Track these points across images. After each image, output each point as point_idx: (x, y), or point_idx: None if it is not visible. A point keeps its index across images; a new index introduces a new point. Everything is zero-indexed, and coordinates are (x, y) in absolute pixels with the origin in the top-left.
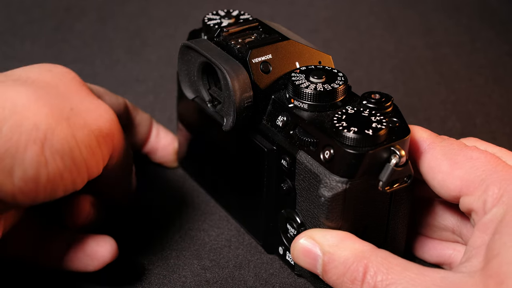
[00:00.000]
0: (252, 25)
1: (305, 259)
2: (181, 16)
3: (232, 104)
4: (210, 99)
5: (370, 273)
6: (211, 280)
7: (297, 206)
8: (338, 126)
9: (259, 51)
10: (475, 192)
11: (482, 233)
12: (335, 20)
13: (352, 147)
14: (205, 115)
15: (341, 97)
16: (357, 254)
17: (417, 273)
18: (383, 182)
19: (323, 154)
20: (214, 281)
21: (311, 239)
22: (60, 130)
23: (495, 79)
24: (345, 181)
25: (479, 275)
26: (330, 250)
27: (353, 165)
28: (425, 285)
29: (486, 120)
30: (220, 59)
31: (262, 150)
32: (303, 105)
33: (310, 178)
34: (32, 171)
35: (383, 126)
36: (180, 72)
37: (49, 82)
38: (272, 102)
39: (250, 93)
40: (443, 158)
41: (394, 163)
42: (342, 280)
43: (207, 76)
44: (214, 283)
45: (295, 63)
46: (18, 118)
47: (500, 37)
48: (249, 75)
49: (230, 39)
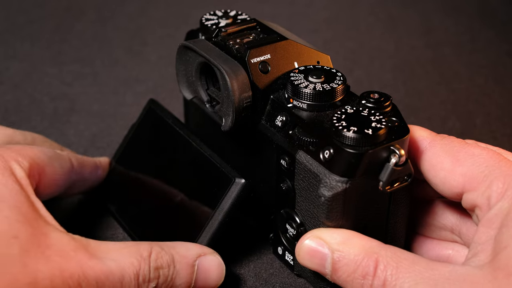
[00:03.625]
0: (250, 25)
1: (312, 260)
2: (181, 16)
3: (231, 104)
4: (209, 100)
5: (381, 267)
6: None
7: (297, 206)
8: (337, 126)
9: (257, 51)
10: (479, 187)
11: (487, 228)
12: (335, 20)
13: (351, 146)
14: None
15: (340, 96)
16: (367, 250)
17: (426, 267)
18: (383, 182)
19: (323, 154)
20: None
21: (318, 239)
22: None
23: (495, 79)
24: (345, 180)
25: (488, 267)
26: (339, 248)
27: (353, 164)
28: (434, 278)
29: (486, 120)
30: (219, 59)
31: (229, 179)
32: (302, 105)
33: (309, 178)
34: None
35: (382, 126)
36: (178, 72)
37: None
38: (271, 102)
39: (249, 93)
40: (444, 156)
41: (394, 162)
42: (353, 276)
43: (206, 76)
44: None
45: (294, 63)
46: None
47: (500, 37)
48: (248, 75)
49: (228, 39)
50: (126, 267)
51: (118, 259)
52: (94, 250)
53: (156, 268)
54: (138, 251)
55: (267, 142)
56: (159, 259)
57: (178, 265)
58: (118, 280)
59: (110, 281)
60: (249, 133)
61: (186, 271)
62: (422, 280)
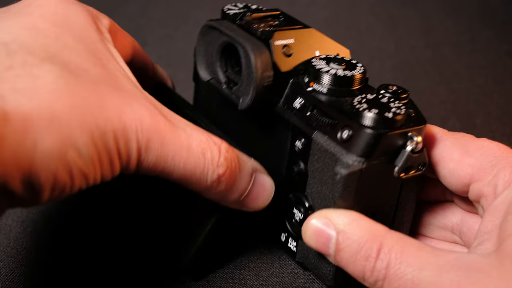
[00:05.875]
0: (274, 13)
1: (317, 239)
2: (181, 16)
3: (252, 82)
4: (226, 81)
5: (384, 250)
6: (211, 280)
7: (307, 188)
8: (358, 108)
9: (282, 34)
10: (486, 177)
11: (492, 217)
12: (335, 20)
13: (371, 127)
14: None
15: (359, 85)
16: (372, 233)
17: (431, 253)
18: (399, 167)
19: (341, 134)
20: (214, 281)
21: (324, 219)
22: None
23: (495, 79)
24: (362, 160)
25: (494, 255)
26: (344, 228)
27: (371, 145)
28: (439, 263)
29: (486, 120)
30: (243, 38)
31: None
32: (322, 89)
33: (325, 158)
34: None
35: (402, 112)
36: (197, 53)
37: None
38: (291, 85)
39: (271, 73)
40: (454, 147)
41: (410, 149)
42: (355, 258)
43: (226, 58)
44: (214, 283)
45: (316, 51)
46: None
47: (500, 37)
48: (270, 55)
49: (252, 23)
50: (195, 140)
51: (189, 131)
52: (167, 114)
53: (226, 157)
54: (209, 134)
55: (283, 124)
56: (229, 151)
57: (242, 167)
58: (186, 148)
59: (176, 145)
60: (264, 116)
61: (245, 178)
62: (427, 266)
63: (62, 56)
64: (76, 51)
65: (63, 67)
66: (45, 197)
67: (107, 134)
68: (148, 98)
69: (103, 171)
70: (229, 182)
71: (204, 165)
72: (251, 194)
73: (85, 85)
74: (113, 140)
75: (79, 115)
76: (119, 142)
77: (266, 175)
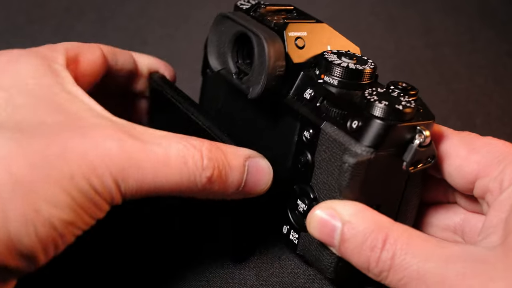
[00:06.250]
0: (288, 8)
1: (322, 229)
2: (181, 16)
3: (264, 71)
4: (237, 71)
5: (390, 241)
6: (211, 280)
7: (313, 179)
8: (369, 99)
9: (295, 26)
10: (492, 173)
11: (498, 211)
12: (336, 19)
13: (381, 118)
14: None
15: (369, 80)
16: (378, 224)
17: (437, 245)
18: (407, 162)
19: (351, 124)
20: (214, 280)
21: (330, 209)
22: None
23: (495, 79)
24: (370, 150)
25: (500, 248)
26: (350, 219)
27: (380, 135)
28: (445, 255)
29: (486, 120)
30: (256, 28)
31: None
32: (333, 81)
33: (333, 147)
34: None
35: (411, 105)
36: (209, 43)
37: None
38: (302, 77)
39: (283, 63)
40: (460, 145)
41: (418, 143)
42: (360, 248)
43: (237, 48)
44: (214, 282)
45: (327, 46)
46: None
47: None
48: (283, 46)
49: (266, 15)
50: (173, 150)
51: (164, 143)
52: (138, 134)
53: (210, 158)
54: (188, 140)
55: (291, 115)
56: (212, 151)
57: (231, 161)
58: (163, 162)
59: (154, 163)
60: (273, 106)
61: (237, 170)
62: (432, 257)
63: (13, 119)
64: (28, 108)
65: (13, 129)
66: (42, 259)
67: (76, 178)
68: (116, 124)
69: (90, 212)
70: (221, 180)
71: (188, 172)
72: (249, 181)
73: (41, 140)
74: (85, 181)
75: (40, 171)
76: (92, 182)
77: (260, 158)
